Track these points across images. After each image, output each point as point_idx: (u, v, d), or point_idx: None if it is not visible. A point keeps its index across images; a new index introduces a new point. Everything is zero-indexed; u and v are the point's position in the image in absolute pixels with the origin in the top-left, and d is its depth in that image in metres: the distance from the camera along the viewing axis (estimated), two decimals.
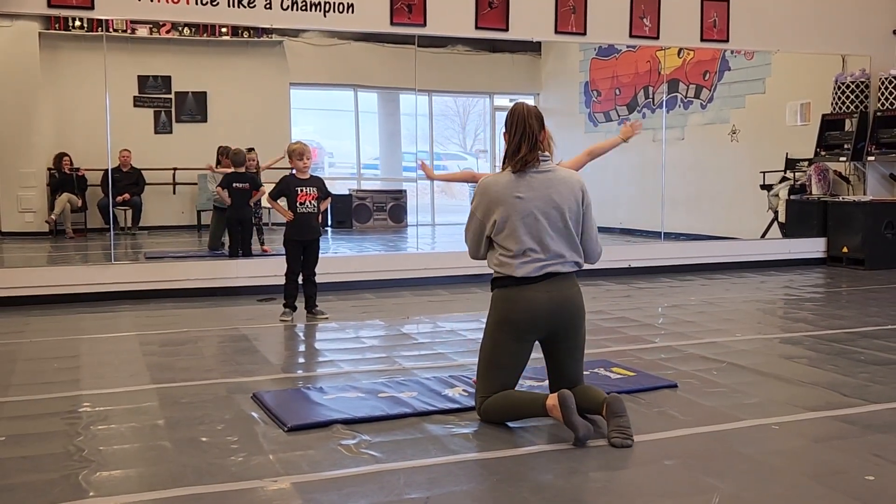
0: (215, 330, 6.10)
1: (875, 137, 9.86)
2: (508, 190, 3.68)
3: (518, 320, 3.67)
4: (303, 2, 7.76)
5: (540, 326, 3.69)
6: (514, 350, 3.72)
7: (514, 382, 3.78)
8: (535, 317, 3.65)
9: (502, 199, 3.68)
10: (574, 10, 8.66)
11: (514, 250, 3.67)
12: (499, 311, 3.73)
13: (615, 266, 9.03)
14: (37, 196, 11.51)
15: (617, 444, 3.42)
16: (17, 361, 5.07)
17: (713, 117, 11.87)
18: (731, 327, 6.11)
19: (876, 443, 3.48)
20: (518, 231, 3.66)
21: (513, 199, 3.66)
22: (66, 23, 11.37)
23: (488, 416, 3.74)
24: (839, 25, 9.85)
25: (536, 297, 3.65)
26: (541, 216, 3.66)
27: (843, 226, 9.75)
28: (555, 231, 3.69)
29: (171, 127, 12.49)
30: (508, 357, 3.72)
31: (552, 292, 3.67)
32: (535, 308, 3.65)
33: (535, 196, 3.67)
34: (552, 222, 3.68)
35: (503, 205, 3.67)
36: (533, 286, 3.66)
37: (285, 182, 6.41)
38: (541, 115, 3.76)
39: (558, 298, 3.68)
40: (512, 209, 3.66)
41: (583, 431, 3.42)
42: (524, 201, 3.66)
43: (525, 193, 3.66)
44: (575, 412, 3.44)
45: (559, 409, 3.46)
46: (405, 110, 14.18)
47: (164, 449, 3.45)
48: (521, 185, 3.68)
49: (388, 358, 5.15)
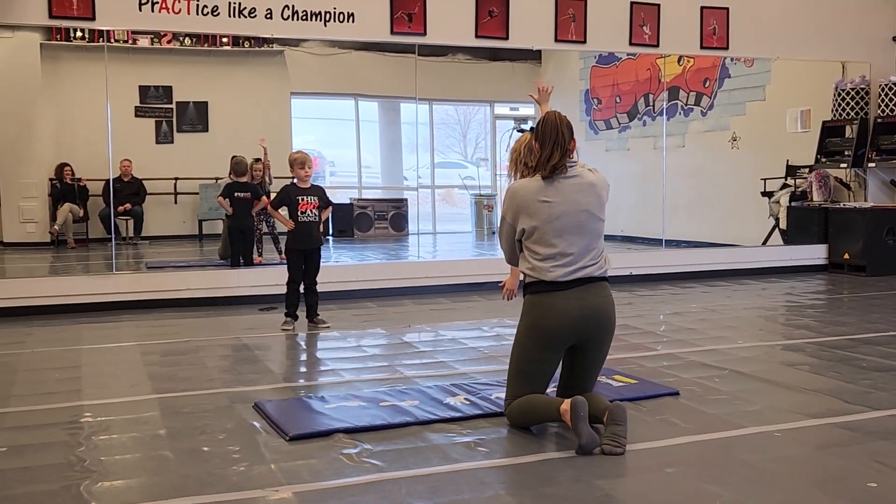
0: (217, 339, 6.10)
1: (875, 144, 9.86)
2: (536, 195, 3.74)
3: (548, 328, 3.69)
4: (303, 11, 7.78)
5: (570, 335, 3.71)
6: (542, 357, 3.74)
7: (542, 388, 3.80)
8: (565, 326, 3.67)
9: (530, 205, 3.74)
10: (574, 19, 8.68)
11: (543, 254, 3.72)
12: (530, 317, 3.77)
13: (616, 273, 8.90)
14: (38, 206, 11.52)
15: (606, 452, 3.43)
16: (18, 372, 5.07)
17: (713, 124, 11.88)
18: (732, 334, 6.10)
19: (878, 450, 3.47)
20: (547, 235, 3.71)
21: (540, 203, 3.72)
22: (68, 33, 11.41)
23: (513, 419, 3.79)
24: (839, 32, 9.86)
25: (568, 305, 3.67)
26: (569, 220, 3.71)
27: (844, 232, 9.74)
28: (584, 234, 3.74)
29: (173, 137, 12.51)
30: (536, 364, 3.75)
31: (584, 300, 3.69)
32: (566, 317, 3.67)
33: (564, 200, 3.72)
34: (580, 226, 3.73)
35: (532, 209, 3.73)
36: (564, 293, 3.67)
37: (286, 191, 6.41)
38: (570, 124, 3.83)
39: (590, 307, 3.70)
40: (540, 214, 3.72)
41: (586, 439, 3.42)
42: (552, 206, 3.71)
43: (553, 198, 3.72)
44: (585, 420, 3.45)
45: (570, 414, 3.47)
46: (406, 119, 14.20)
47: (166, 459, 3.44)
48: (549, 190, 3.73)
49: (390, 367, 5.14)
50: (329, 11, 7.86)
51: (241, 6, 7.57)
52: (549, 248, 3.70)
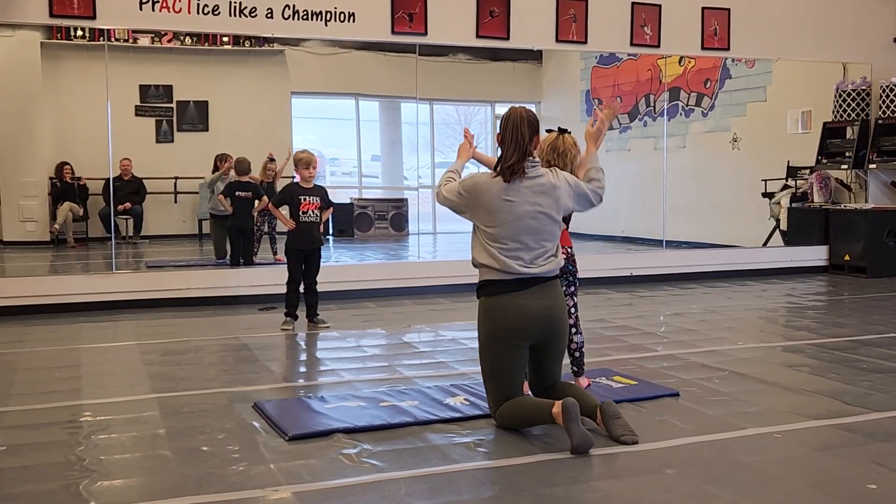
0: (216, 339, 6.10)
1: (876, 145, 9.86)
2: (499, 195, 3.74)
3: (512, 328, 3.72)
4: (304, 11, 7.78)
5: (531, 335, 3.76)
6: (511, 356, 3.78)
7: (519, 383, 3.83)
8: (526, 325, 3.72)
9: (492, 203, 3.74)
10: (575, 19, 8.67)
11: (503, 246, 3.73)
12: (490, 321, 3.77)
13: (617, 274, 9.03)
14: (38, 205, 11.50)
15: (628, 442, 3.53)
16: (17, 371, 5.07)
17: (714, 125, 11.87)
18: (732, 336, 6.10)
19: (878, 451, 3.47)
20: (506, 230, 3.73)
21: (502, 202, 3.73)
22: (68, 32, 11.39)
23: (504, 423, 3.80)
24: (839, 34, 9.86)
25: (527, 304, 3.71)
26: (528, 220, 3.73)
27: (844, 234, 9.74)
28: (540, 236, 3.76)
29: (173, 136, 12.49)
30: (507, 364, 3.77)
31: (542, 300, 3.74)
32: (525, 317, 3.72)
33: (524, 201, 3.72)
34: (538, 227, 3.75)
35: (492, 206, 3.74)
36: (521, 293, 3.72)
37: (288, 190, 6.42)
38: (535, 121, 3.78)
39: (547, 306, 3.75)
40: (500, 212, 3.73)
41: (578, 440, 3.44)
42: (514, 205, 3.72)
43: (515, 198, 3.72)
44: (577, 422, 3.46)
45: (562, 416, 3.48)
46: (406, 119, 14.18)
47: (165, 458, 3.44)
48: (510, 191, 3.73)
49: (390, 367, 5.14)
50: (330, 11, 7.86)
51: (242, 6, 7.57)
52: (505, 244, 3.73)
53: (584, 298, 7.98)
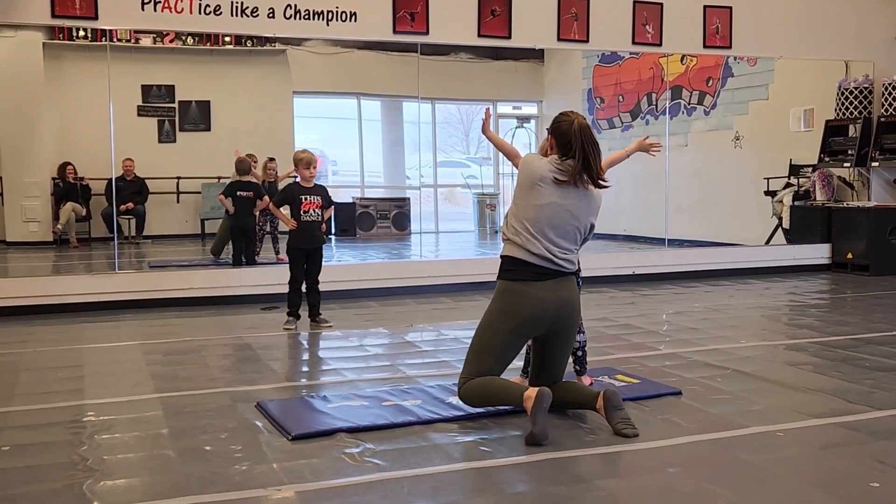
0: (219, 339, 6.10)
1: (879, 143, 9.85)
2: (556, 190, 3.82)
3: (524, 315, 3.80)
4: (306, 10, 7.78)
5: (542, 325, 3.84)
6: (510, 342, 3.86)
7: (500, 371, 3.91)
8: (540, 315, 3.80)
9: (550, 192, 3.81)
10: (576, 18, 8.67)
11: (531, 228, 3.80)
12: (505, 302, 3.85)
13: (619, 273, 9.03)
14: (41, 206, 11.52)
15: (629, 434, 3.59)
16: (20, 371, 5.07)
17: (716, 124, 11.86)
18: (735, 334, 6.10)
19: (881, 449, 3.47)
20: (543, 214, 3.80)
21: (556, 192, 3.80)
22: (71, 33, 11.41)
23: (467, 397, 3.86)
24: (842, 31, 9.85)
25: (544, 296, 3.79)
26: (567, 218, 3.82)
27: (847, 232, 9.73)
28: (570, 236, 3.86)
29: (175, 136, 12.52)
30: (503, 347, 3.86)
31: (559, 292, 3.82)
32: (542, 307, 3.79)
33: (570, 204, 3.82)
34: (571, 228, 3.85)
35: (549, 193, 3.80)
36: (540, 284, 3.80)
37: (289, 190, 6.43)
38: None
39: (563, 299, 3.83)
40: (551, 198, 3.80)
41: (539, 429, 3.51)
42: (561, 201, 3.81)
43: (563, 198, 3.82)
44: (545, 411, 3.54)
45: (532, 402, 3.54)
46: (408, 118, 14.19)
47: (168, 458, 3.45)
48: (565, 189, 3.82)
49: (392, 366, 5.14)
50: (332, 10, 7.86)
51: (244, 5, 7.57)
52: (538, 228, 3.80)
53: (586, 297, 7.97)
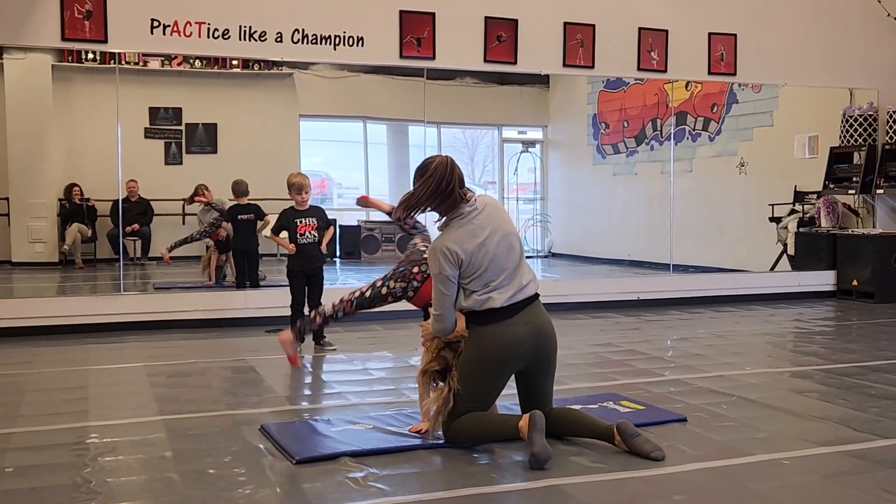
0: (222, 361, 6.10)
1: (884, 170, 9.86)
2: (465, 236, 3.72)
3: (503, 359, 3.75)
4: (314, 35, 7.84)
5: (522, 360, 3.78)
6: (493, 385, 3.82)
7: (489, 407, 3.88)
8: (516, 352, 3.74)
9: (464, 249, 3.71)
10: (582, 44, 8.72)
11: (484, 283, 3.72)
12: (481, 350, 3.76)
13: (623, 298, 9.02)
14: (47, 226, 11.56)
15: (659, 458, 3.60)
16: (25, 392, 5.07)
17: (721, 150, 11.89)
18: (740, 360, 6.07)
19: (886, 478, 3.45)
20: (485, 261, 3.72)
21: (472, 240, 3.72)
22: (79, 55, 11.49)
23: (455, 436, 3.79)
24: (846, 59, 9.89)
25: (516, 332, 3.72)
26: (498, 241, 3.75)
27: (852, 259, 9.72)
28: (514, 249, 3.80)
29: (182, 158, 12.57)
30: (486, 391, 3.81)
31: (530, 324, 3.76)
32: (516, 344, 3.73)
33: (483, 231, 3.74)
34: (506, 244, 3.78)
35: (467, 252, 3.71)
36: (512, 321, 3.73)
37: (285, 215, 6.53)
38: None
39: (536, 329, 3.77)
40: (475, 251, 3.71)
41: (538, 449, 3.48)
42: (488, 233, 3.74)
43: (486, 225, 3.74)
44: (542, 432, 3.51)
45: (527, 425, 3.53)
46: (414, 142, 14.23)
47: (172, 481, 3.44)
48: (471, 227, 3.74)
49: (396, 390, 5.13)
50: (339, 35, 7.92)
51: (252, 30, 7.63)
52: (490, 277, 3.72)
53: (590, 322, 7.98)
